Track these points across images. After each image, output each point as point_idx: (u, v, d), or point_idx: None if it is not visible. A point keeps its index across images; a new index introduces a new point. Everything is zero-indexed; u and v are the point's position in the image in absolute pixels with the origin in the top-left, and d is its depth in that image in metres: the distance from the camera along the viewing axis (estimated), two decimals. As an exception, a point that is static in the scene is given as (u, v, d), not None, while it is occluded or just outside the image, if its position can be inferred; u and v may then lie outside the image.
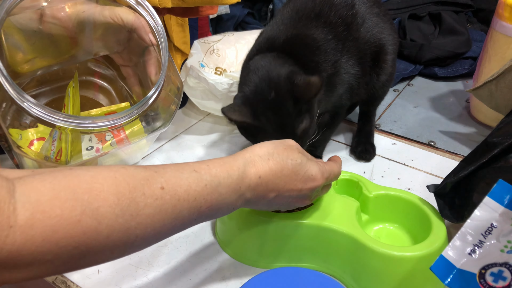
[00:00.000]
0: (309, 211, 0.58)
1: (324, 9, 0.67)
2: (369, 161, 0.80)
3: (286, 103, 0.59)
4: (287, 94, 0.59)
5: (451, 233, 0.58)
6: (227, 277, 0.58)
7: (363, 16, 0.70)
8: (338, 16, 0.67)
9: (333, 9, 0.67)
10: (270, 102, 0.59)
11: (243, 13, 1.26)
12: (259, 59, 0.63)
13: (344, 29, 0.67)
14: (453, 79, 1.11)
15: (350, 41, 0.68)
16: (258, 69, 0.62)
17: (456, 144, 0.86)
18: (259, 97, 0.60)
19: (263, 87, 0.60)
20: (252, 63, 0.63)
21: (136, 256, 0.61)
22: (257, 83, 0.60)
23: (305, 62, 0.64)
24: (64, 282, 0.58)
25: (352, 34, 0.68)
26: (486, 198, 0.42)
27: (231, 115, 0.58)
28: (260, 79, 0.61)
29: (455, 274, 0.41)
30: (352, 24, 0.68)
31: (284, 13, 0.69)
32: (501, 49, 0.82)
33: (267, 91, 0.59)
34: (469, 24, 1.27)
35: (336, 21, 0.66)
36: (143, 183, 0.38)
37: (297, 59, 0.63)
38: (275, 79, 0.60)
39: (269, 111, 0.59)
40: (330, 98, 0.70)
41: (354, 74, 0.70)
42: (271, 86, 0.59)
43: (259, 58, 0.64)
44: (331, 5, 0.67)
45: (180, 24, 0.91)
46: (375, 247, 0.52)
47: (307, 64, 0.64)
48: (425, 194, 0.61)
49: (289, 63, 0.62)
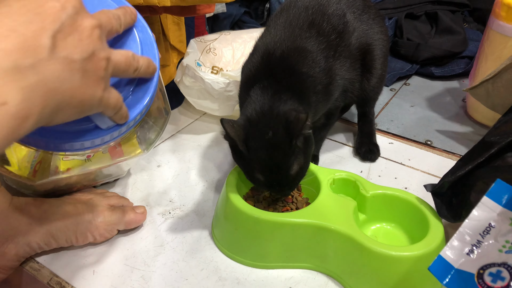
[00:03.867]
0: (306, 210, 0.58)
1: (317, 19, 0.67)
2: (374, 161, 0.80)
3: (283, 143, 0.57)
4: (284, 134, 0.57)
5: (449, 233, 0.58)
6: (223, 277, 0.58)
7: (353, 25, 0.71)
8: (331, 25, 0.68)
9: (325, 18, 0.68)
10: (267, 141, 0.57)
11: (240, 12, 1.26)
12: (259, 93, 0.61)
13: (336, 37, 0.68)
14: (449, 79, 1.12)
15: (342, 46, 0.69)
16: (257, 103, 0.60)
17: (453, 143, 0.86)
18: (256, 132, 0.58)
19: (259, 124, 0.58)
20: (253, 94, 0.62)
21: (132, 257, 0.61)
22: (256, 119, 0.59)
23: (302, 83, 0.63)
24: (59, 283, 0.57)
25: (344, 41, 0.69)
26: (484, 197, 0.42)
27: (227, 127, 0.57)
28: (258, 114, 0.59)
29: (453, 274, 0.41)
30: (344, 32, 0.69)
31: (278, 24, 0.69)
32: (498, 48, 0.82)
33: (264, 130, 0.57)
34: (466, 23, 1.27)
35: (329, 30, 0.67)
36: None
37: (294, 83, 0.62)
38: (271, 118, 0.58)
39: (264, 150, 0.57)
40: (327, 104, 0.70)
41: (349, 79, 0.72)
42: (269, 125, 0.58)
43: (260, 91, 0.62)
44: (323, 14, 0.68)
45: (177, 23, 0.90)
46: (373, 247, 0.52)
47: (305, 86, 0.63)
48: (422, 193, 0.61)
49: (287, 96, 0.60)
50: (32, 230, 0.57)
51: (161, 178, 0.77)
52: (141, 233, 0.65)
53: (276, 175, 0.58)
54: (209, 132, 0.91)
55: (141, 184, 0.75)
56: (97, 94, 0.40)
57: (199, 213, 0.69)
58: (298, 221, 0.57)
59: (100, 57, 0.39)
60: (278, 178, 0.58)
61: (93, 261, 0.60)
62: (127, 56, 0.43)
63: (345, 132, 0.89)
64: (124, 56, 0.43)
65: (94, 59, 0.39)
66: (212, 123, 0.94)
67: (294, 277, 0.58)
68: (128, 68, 0.44)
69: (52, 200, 0.61)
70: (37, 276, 0.59)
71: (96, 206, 0.62)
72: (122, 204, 0.66)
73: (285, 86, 0.61)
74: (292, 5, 0.70)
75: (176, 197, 0.72)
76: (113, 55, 0.41)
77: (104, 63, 0.40)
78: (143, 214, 0.66)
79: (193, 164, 0.81)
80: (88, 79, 0.38)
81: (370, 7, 0.77)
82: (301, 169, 0.60)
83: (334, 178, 0.64)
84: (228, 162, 0.81)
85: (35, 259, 0.61)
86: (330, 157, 0.82)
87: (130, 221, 0.64)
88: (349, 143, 0.86)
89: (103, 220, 0.61)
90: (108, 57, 0.40)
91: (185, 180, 0.77)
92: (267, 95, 0.61)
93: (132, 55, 0.44)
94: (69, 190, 0.66)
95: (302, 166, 0.60)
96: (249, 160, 0.58)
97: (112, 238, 0.64)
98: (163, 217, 0.68)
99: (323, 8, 0.69)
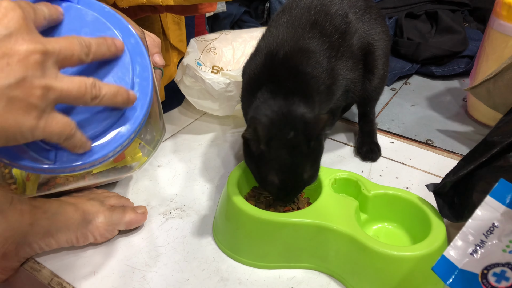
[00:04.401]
0: (308, 210, 0.58)
1: (319, 19, 0.67)
2: (375, 161, 0.80)
3: (303, 143, 0.58)
4: (304, 134, 0.58)
5: (451, 233, 0.58)
6: (225, 278, 0.58)
7: (355, 25, 0.71)
8: (333, 26, 0.68)
9: (328, 18, 0.68)
10: (288, 141, 0.57)
11: (240, 12, 1.26)
12: (269, 96, 0.61)
13: (339, 37, 0.68)
14: (450, 78, 1.12)
15: (344, 47, 0.69)
16: (270, 105, 0.60)
17: (454, 143, 0.86)
18: (278, 133, 0.58)
19: (281, 125, 0.58)
20: (261, 97, 0.62)
21: (133, 257, 0.61)
22: (273, 119, 0.59)
23: (306, 83, 0.64)
24: (59, 284, 0.57)
25: (346, 41, 0.69)
26: (487, 197, 0.42)
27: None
28: (274, 115, 0.59)
29: (457, 274, 0.41)
30: (346, 33, 0.69)
31: (280, 24, 0.68)
32: (499, 48, 0.82)
33: (285, 130, 0.58)
34: (466, 22, 1.27)
35: (331, 30, 0.67)
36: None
37: (300, 84, 0.63)
38: (291, 120, 0.59)
39: (285, 149, 0.57)
40: (329, 104, 0.71)
41: (351, 78, 0.72)
42: (289, 126, 0.58)
43: (269, 94, 0.62)
44: (326, 15, 0.68)
45: (177, 22, 0.90)
46: (374, 247, 0.52)
47: (309, 86, 0.64)
48: (423, 193, 0.61)
49: (297, 98, 0.61)
50: (32, 231, 0.57)
51: (161, 178, 0.77)
52: (142, 233, 0.65)
53: (292, 176, 0.58)
54: (210, 132, 0.90)
55: (142, 184, 0.75)
56: (26, 122, 0.37)
57: (200, 213, 0.69)
58: (299, 221, 0.56)
59: (33, 85, 0.37)
60: (292, 181, 0.58)
61: (94, 262, 0.60)
62: (81, 83, 0.40)
63: (346, 131, 0.89)
64: (77, 84, 0.40)
65: (25, 85, 0.36)
66: (213, 123, 0.93)
67: (296, 277, 0.58)
68: (82, 96, 0.41)
69: (52, 200, 0.61)
70: (37, 277, 0.59)
71: (96, 206, 0.62)
72: (122, 204, 0.66)
73: (292, 87, 0.61)
74: (294, 5, 0.70)
75: (177, 197, 0.72)
76: (60, 82, 0.39)
77: (39, 91, 0.37)
78: (144, 214, 0.65)
79: (193, 164, 0.80)
80: (12, 106, 0.36)
81: (372, 7, 0.77)
82: (313, 174, 0.60)
83: (335, 178, 0.64)
84: (229, 161, 0.81)
85: (36, 260, 0.60)
86: (331, 156, 0.81)
87: (130, 221, 0.63)
88: (350, 143, 0.86)
89: (104, 220, 0.61)
90: (47, 85, 0.38)
91: (186, 180, 0.76)
92: (278, 97, 0.61)
93: (92, 82, 0.41)
94: (69, 191, 0.66)
95: (314, 171, 0.60)
96: (267, 161, 0.58)
97: (113, 239, 0.63)
98: (164, 217, 0.68)
99: (326, 8, 0.69)
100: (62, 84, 0.39)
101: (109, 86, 0.43)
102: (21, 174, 0.58)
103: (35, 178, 0.59)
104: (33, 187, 0.59)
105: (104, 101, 0.43)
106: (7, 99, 0.36)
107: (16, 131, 0.37)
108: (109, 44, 0.45)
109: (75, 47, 0.41)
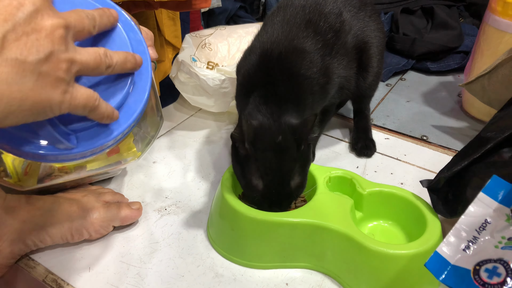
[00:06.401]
0: (303, 209, 0.58)
1: (314, 18, 0.67)
2: (370, 157, 0.80)
3: (291, 148, 0.57)
4: (292, 139, 0.57)
5: (445, 229, 0.58)
6: (220, 274, 0.58)
7: (350, 23, 0.71)
8: (328, 24, 0.68)
9: (322, 17, 0.68)
10: (276, 144, 0.57)
11: (235, 7, 1.25)
12: (261, 101, 0.61)
13: (333, 35, 0.68)
14: (445, 74, 1.12)
15: (339, 45, 0.69)
16: (260, 110, 0.60)
17: (449, 139, 0.86)
18: (265, 135, 0.58)
19: (270, 128, 0.58)
20: (253, 102, 0.62)
21: (128, 254, 0.61)
22: (263, 123, 0.59)
23: (300, 85, 0.63)
24: (54, 280, 0.57)
25: (341, 40, 0.69)
26: (480, 193, 0.42)
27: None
28: (265, 120, 0.59)
29: (449, 270, 0.41)
30: (340, 31, 0.69)
31: (274, 23, 0.68)
32: (494, 44, 0.82)
33: (275, 134, 0.57)
34: (461, 18, 1.27)
35: (326, 29, 0.67)
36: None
37: (293, 87, 0.63)
38: (281, 126, 0.58)
39: (272, 152, 0.57)
40: (323, 103, 0.71)
41: (345, 76, 0.72)
42: (278, 131, 0.58)
43: (261, 99, 0.62)
44: (320, 13, 0.68)
45: (172, 18, 0.90)
46: (370, 245, 0.52)
47: (303, 89, 0.64)
48: (418, 188, 0.61)
49: (288, 104, 0.61)
50: (26, 228, 0.57)
51: (156, 174, 0.77)
52: (136, 230, 0.65)
53: (277, 181, 0.57)
54: (205, 128, 0.90)
55: (137, 181, 0.75)
56: (55, 96, 0.38)
57: (195, 209, 0.69)
58: (294, 220, 0.56)
59: (60, 59, 0.38)
60: (277, 187, 0.57)
61: (89, 258, 0.60)
62: (96, 54, 0.41)
63: (341, 127, 0.89)
64: (93, 55, 0.41)
65: (53, 60, 0.37)
66: (208, 119, 0.93)
67: (291, 272, 0.58)
68: (98, 66, 0.42)
69: (46, 197, 0.61)
70: (32, 274, 0.58)
71: (91, 202, 0.62)
72: (117, 200, 0.66)
73: (285, 92, 0.61)
74: (289, 4, 0.70)
75: (171, 193, 0.72)
76: (79, 55, 0.40)
77: (64, 65, 0.38)
78: (139, 210, 0.65)
79: (188, 160, 0.80)
80: (43, 81, 0.37)
81: (367, 4, 0.77)
82: (300, 183, 0.59)
83: (330, 176, 0.64)
84: (224, 157, 0.81)
85: (30, 257, 0.60)
86: (326, 153, 0.81)
87: (125, 217, 0.63)
88: (345, 139, 0.86)
89: (98, 216, 0.61)
90: (71, 59, 0.38)
91: (180, 176, 0.76)
92: (271, 103, 0.61)
93: (104, 52, 0.42)
94: (64, 187, 0.66)
95: (301, 181, 0.59)
96: (252, 162, 0.57)
97: (108, 235, 0.63)
98: (159, 213, 0.68)
99: (320, 7, 0.69)
100: (81, 57, 0.40)
101: (118, 54, 0.44)
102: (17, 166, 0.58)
103: (36, 167, 0.58)
104: (33, 179, 0.59)
105: (116, 69, 0.44)
106: (38, 74, 0.36)
107: (46, 105, 0.38)
108: (108, 15, 0.45)
109: (85, 20, 0.41)
